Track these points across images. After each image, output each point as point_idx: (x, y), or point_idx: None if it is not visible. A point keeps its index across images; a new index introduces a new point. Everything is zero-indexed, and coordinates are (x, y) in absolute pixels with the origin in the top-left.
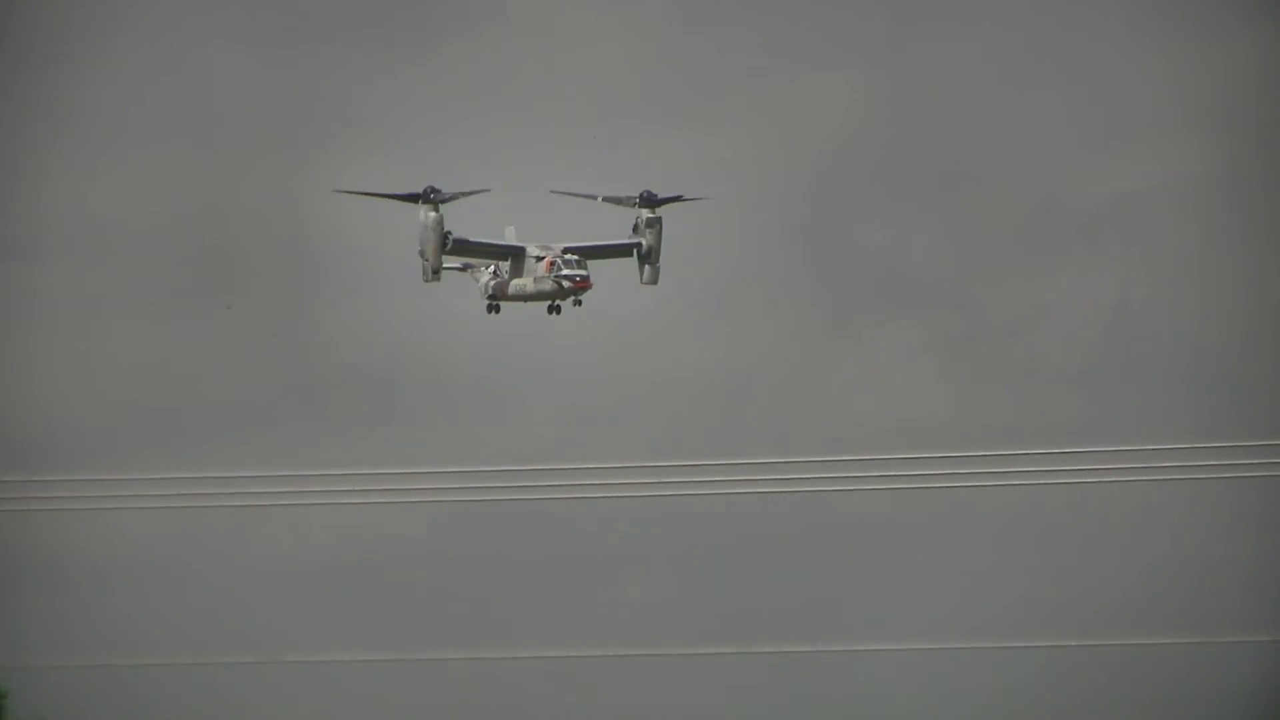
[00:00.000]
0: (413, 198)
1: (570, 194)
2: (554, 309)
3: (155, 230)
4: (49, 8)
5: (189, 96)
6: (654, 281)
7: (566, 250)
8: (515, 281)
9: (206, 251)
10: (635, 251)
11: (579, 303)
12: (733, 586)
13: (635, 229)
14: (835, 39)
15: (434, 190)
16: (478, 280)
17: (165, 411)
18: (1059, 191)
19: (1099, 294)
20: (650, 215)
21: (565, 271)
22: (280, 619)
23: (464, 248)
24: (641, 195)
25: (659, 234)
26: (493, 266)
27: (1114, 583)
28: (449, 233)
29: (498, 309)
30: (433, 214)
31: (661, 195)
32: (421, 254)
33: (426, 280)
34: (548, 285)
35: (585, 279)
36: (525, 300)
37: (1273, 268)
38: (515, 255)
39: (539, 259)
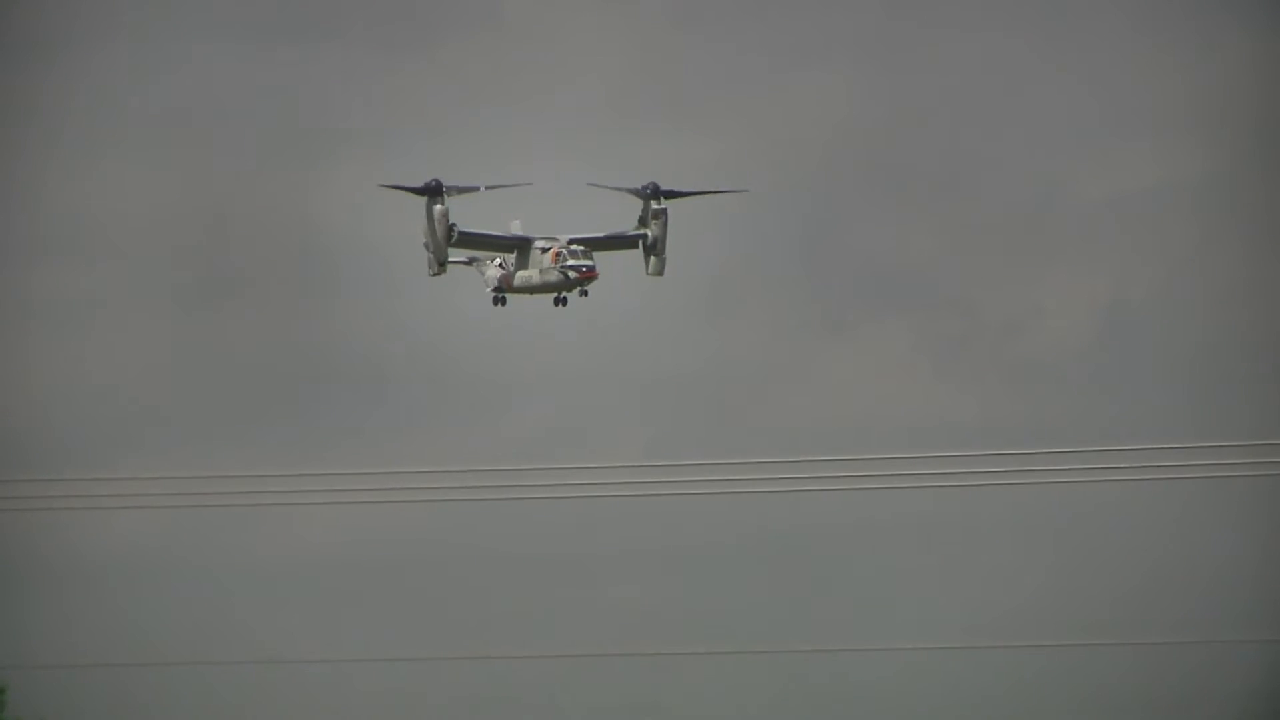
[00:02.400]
0: (419, 190)
1: (607, 186)
2: (560, 301)
3: (155, 230)
4: (49, 8)
5: (188, 96)
6: (660, 273)
7: (572, 241)
8: (521, 273)
9: (206, 251)
10: (641, 243)
11: (585, 293)
12: (733, 586)
13: (641, 220)
14: (834, 40)
15: (439, 183)
16: (483, 273)
17: (165, 411)
18: (1056, 192)
19: (1096, 294)
20: (656, 207)
21: (571, 262)
22: (280, 619)
23: (469, 240)
24: (648, 187)
25: (665, 225)
26: (498, 259)
27: (1113, 583)
28: (454, 225)
29: (504, 301)
30: (438, 206)
31: (666, 188)
32: (427, 247)
33: (432, 273)
34: (554, 276)
35: (591, 269)
36: (531, 292)
37: (1271, 268)
38: (521, 247)
39: (545, 250)
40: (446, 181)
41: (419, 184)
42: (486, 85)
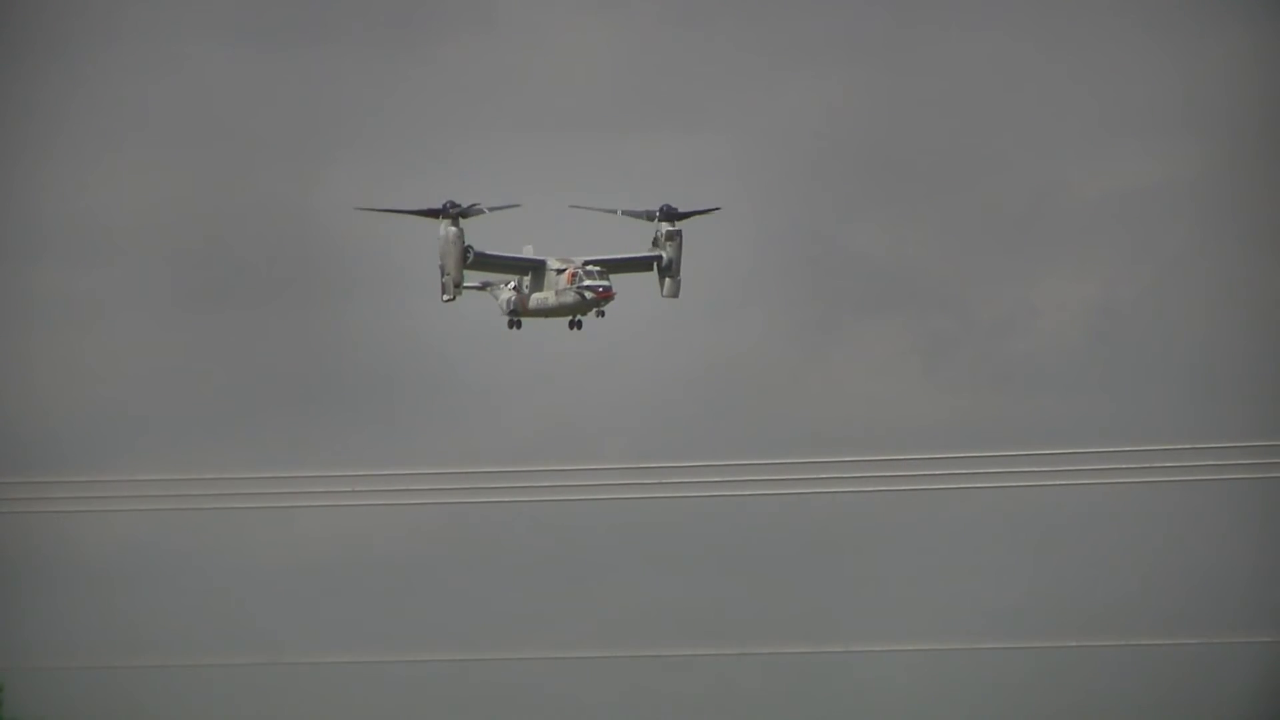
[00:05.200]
0: (433, 213)
1: (590, 208)
2: (575, 324)
3: (155, 231)
4: (49, 8)
5: (189, 97)
6: (675, 294)
7: (588, 263)
8: (536, 295)
9: (206, 252)
10: (655, 265)
11: (601, 314)
12: (732, 587)
13: (655, 242)
14: (826, 39)
15: (454, 204)
16: (497, 297)
17: (165, 411)
18: (1051, 191)
19: (1091, 294)
20: (670, 228)
21: (588, 282)
22: (279, 619)
23: (485, 262)
24: (661, 209)
25: (679, 247)
26: (512, 282)
27: (1110, 584)
28: (470, 247)
29: (519, 324)
30: (453, 228)
31: (678, 206)
32: (442, 269)
33: (447, 297)
34: (570, 298)
35: (608, 289)
36: (546, 315)
37: (1267, 267)
38: (535, 269)
39: (560, 272)
40: (456, 201)
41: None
42: (488, 90)
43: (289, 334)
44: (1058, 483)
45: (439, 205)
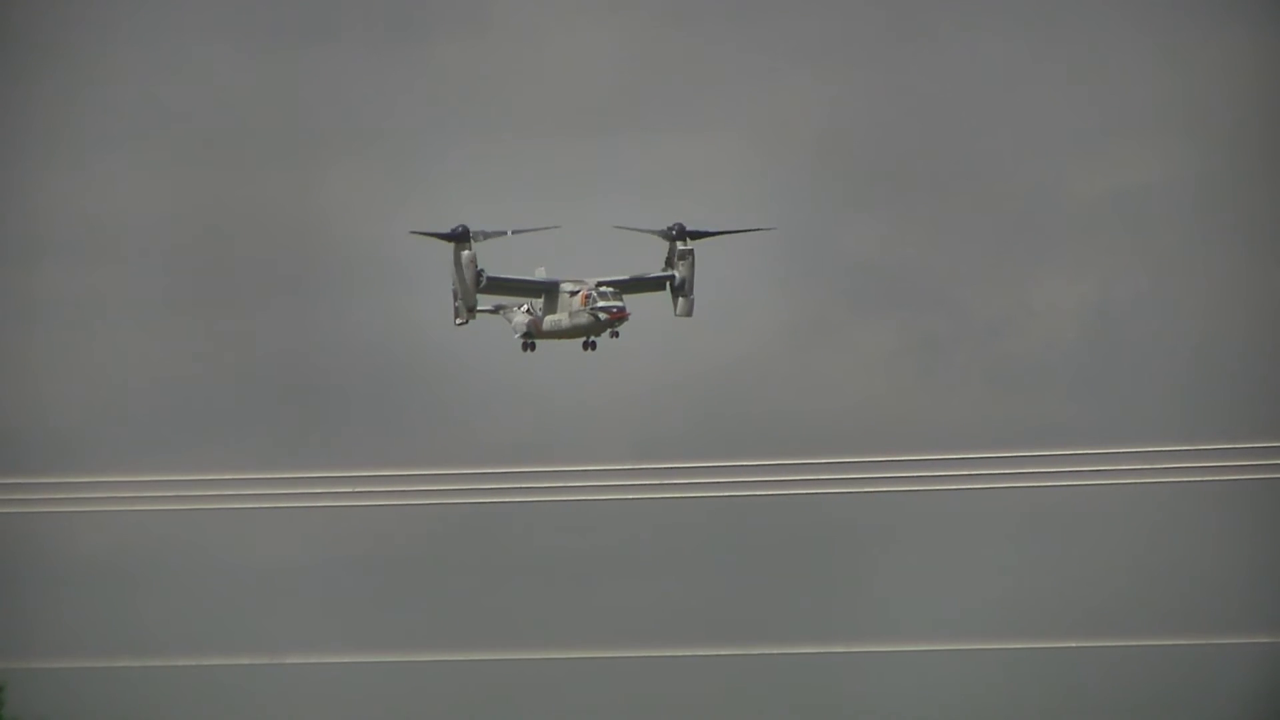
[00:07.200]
0: (448, 236)
1: (632, 229)
2: (589, 345)
3: (155, 231)
4: (49, 8)
5: (189, 98)
6: (688, 314)
7: (601, 284)
8: (550, 318)
9: (206, 252)
10: (668, 284)
11: (616, 334)
12: (732, 587)
13: (668, 262)
14: (822, 39)
15: (466, 229)
16: (510, 320)
17: (165, 411)
18: (1050, 191)
19: (1089, 294)
20: (683, 247)
21: (601, 304)
22: (279, 619)
23: (497, 285)
24: (675, 227)
25: (692, 266)
26: (525, 305)
27: (1107, 584)
28: (482, 270)
29: (533, 346)
30: (466, 252)
31: (692, 228)
32: (455, 293)
33: (460, 320)
34: (584, 319)
35: (622, 309)
36: (560, 337)
37: (1266, 267)
38: (549, 291)
39: (573, 293)
40: (473, 226)
41: (446, 226)
42: (488, 93)
43: (289, 334)
44: (1056, 483)
45: (449, 229)
